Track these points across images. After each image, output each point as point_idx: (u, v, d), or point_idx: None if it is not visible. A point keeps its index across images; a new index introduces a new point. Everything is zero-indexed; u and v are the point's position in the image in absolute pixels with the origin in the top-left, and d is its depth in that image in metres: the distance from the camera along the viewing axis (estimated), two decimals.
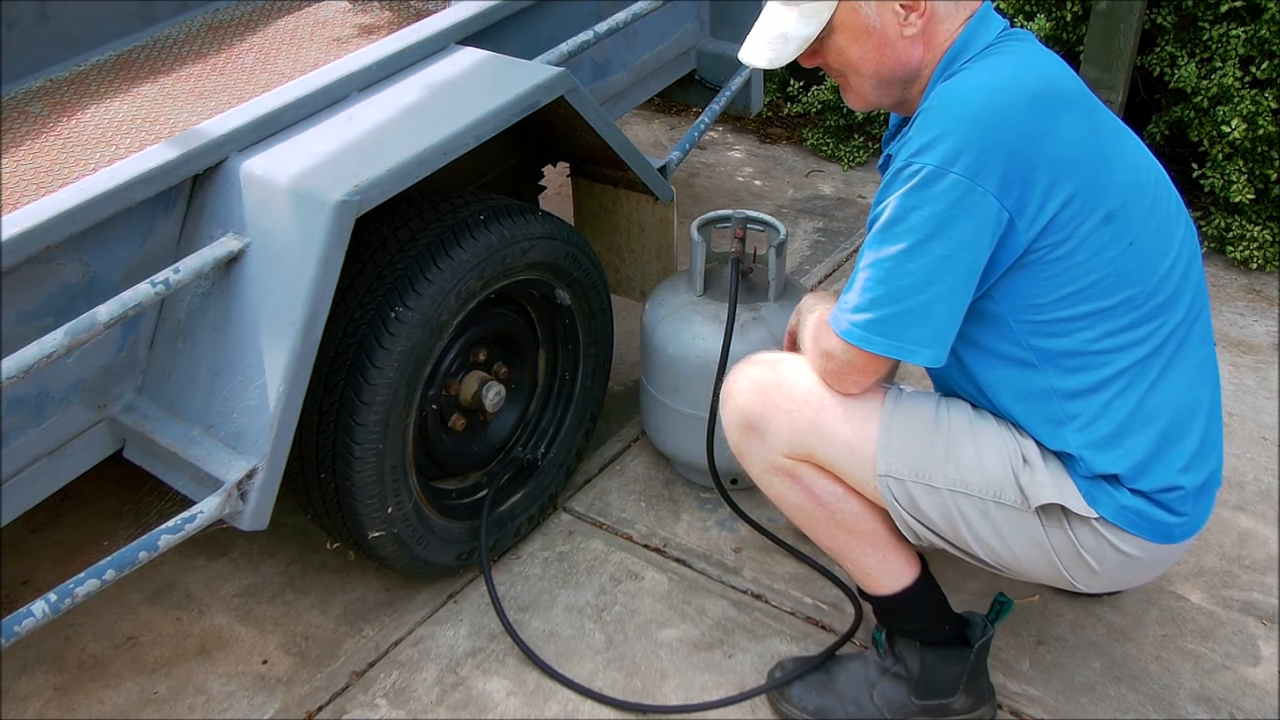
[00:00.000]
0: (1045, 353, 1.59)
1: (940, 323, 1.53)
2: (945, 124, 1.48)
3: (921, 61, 1.60)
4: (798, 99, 3.91)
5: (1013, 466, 1.63)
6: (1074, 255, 1.52)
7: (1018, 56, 1.55)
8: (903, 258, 1.51)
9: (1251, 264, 3.06)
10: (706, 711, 1.95)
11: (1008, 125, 1.47)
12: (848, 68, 1.63)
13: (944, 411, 1.68)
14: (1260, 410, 2.59)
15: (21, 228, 1.53)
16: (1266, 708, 1.93)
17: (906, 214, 1.50)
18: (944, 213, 1.48)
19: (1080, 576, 1.68)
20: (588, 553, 2.29)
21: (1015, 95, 1.49)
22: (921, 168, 1.49)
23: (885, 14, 1.56)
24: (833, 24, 1.57)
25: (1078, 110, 1.53)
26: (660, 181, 2.33)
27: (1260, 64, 2.84)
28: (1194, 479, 1.63)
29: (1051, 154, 1.48)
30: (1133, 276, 1.54)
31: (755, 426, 1.71)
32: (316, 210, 1.66)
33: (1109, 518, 1.60)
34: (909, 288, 1.51)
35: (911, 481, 1.65)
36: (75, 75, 2.27)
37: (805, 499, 1.74)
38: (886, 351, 1.55)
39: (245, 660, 2.10)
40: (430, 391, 2.07)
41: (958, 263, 1.50)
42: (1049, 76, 1.54)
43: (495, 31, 2.19)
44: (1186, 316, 1.61)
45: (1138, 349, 1.57)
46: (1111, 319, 1.56)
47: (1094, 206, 1.51)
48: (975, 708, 1.85)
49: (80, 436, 1.76)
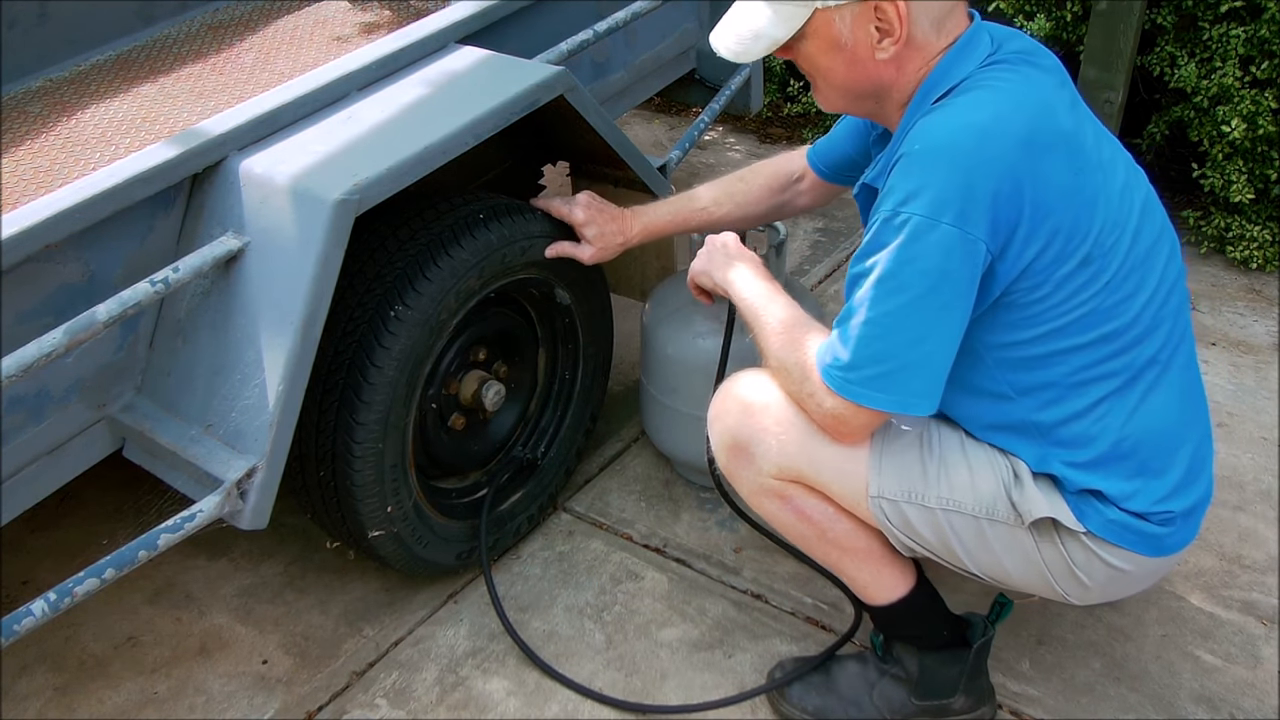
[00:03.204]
0: (1020, 386, 1.58)
1: (936, 373, 1.51)
2: (930, 170, 1.45)
3: (893, 83, 1.57)
4: (798, 99, 3.90)
5: (1005, 483, 1.62)
6: (1050, 297, 1.50)
7: (1002, 93, 1.49)
8: (899, 313, 1.47)
9: (1251, 264, 3.06)
10: (706, 711, 1.95)
11: (994, 170, 1.43)
12: (816, 73, 1.60)
13: (934, 432, 1.67)
14: (1260, 410, 2.59)
15: (21, 227, 1.53)
16: (1266, 708, 1.93)
17: (900, 268, 1.46)
18: (939, 265, 1.44)
19: (1072, 591, 1.67)
20: (588, 553, 2.29)
21: (1000, 137, 1.45)
22: (909, 218, 1.45)
23: (859, 32, 1.52)
24: (805, 30, 1.54)
25: (1061, 151, 1.49)
26: (660, 181, 2.33)
27: (1260, 64, 2.84)
28: (1181, 504, 1.62)
29: (1034, 199, 1.45)
30: (1109, 314, 1.53)
31: (744, 449, 1.70)
32: (316, 209, 1.66)
33: (1097, 532, 1.60)
34: (908, 342, 1.48)
35: (904, 502, 1.64)
36: (75, 75, 2.26)
37: (796, 519, 1.73)
38: (889, 407, 1.52)
39: (245, 660, 2.10)
40: (430, 390, 2.07)
41: (953, 312, 1.48)
42: (1034, 115, 1.48)
43: (495, 30, 2.19)
44: (1166, 344, 1.59)
45: (1113, 380, 1.56)
46: (1087, 353, 1.54)
47: (1072, 250, 1.48)
48: (975, 708, 1.84)
49: (80, 435, 1.76)
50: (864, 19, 1.50)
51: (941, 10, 1.53)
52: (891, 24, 1.50)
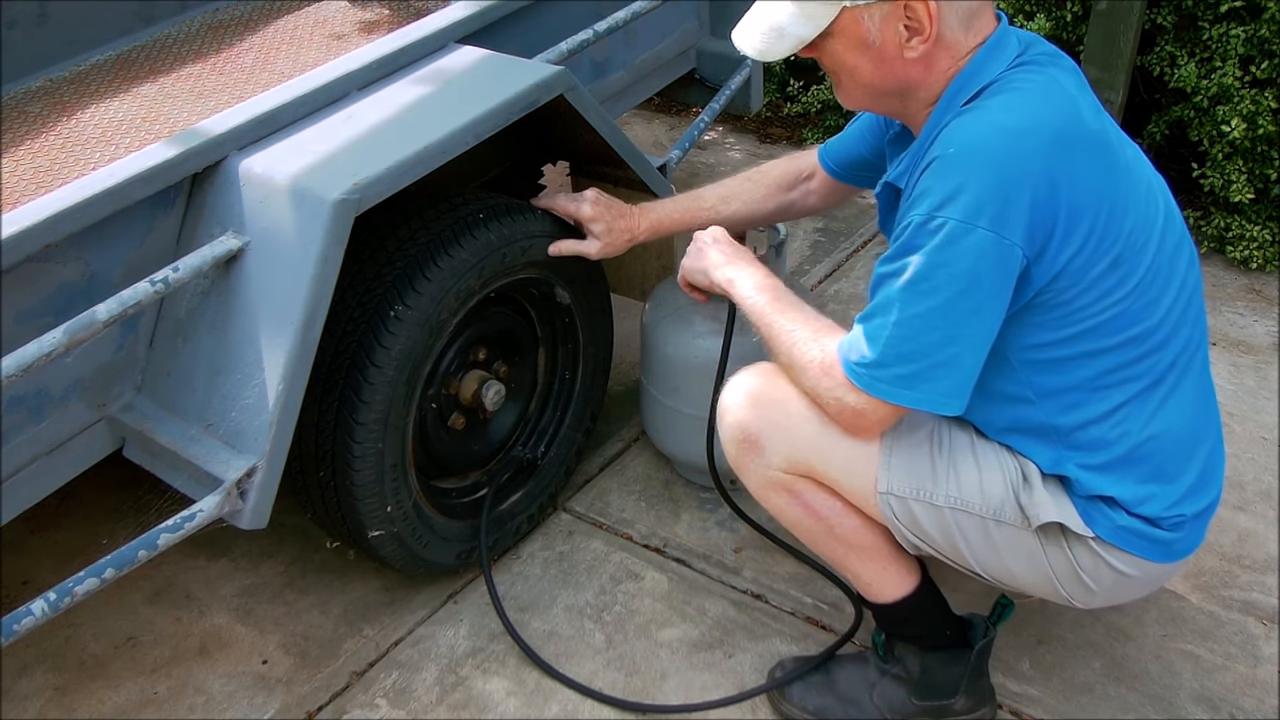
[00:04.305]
0: (1043, 389, 1.57)
1: (967, 373, 1.50)
2: (965, 173, 1.44)
3: (921, 82, 1.55)
4: (798, 99, 3.90)
5: (1013, 486, 1.62)
6: (1080, 299, 1.50)
7: (1034, 94, 1.48)
8: (932, 315, 1.46)
9: (1251, 264, 3.06)
10: (706, 711, 1.95)
11: (1030, 173, 1.42)
12: (842, 71, 1.58)
13: (945, 430, 1.66)
14: (1260, 410, 2.59)
15: (21, 226, 1.53)
16: (1266, 708, 1.93)
17: (934, 271, 1.45)
18: (973, 269, 1.44)
19: (1077, 594, 1.67)
20: (588, 553, 2.29)
21: (1035, 140, 1.44)
22: (945, 222, 1.44)
23: (888, 31, 1.50)
24: (832, 29, 1.52)
25: (1095, 151, 1.49)
26: (660, 180, 2.32)
27: (1260, 63, 2.84)
28: (1193, 507, 1.62)
29: (1069, 200, 1.44)
30: (1136, 316, 1.52)
31: (753, 442, 1.69)
32: (316, 208, 1.66)
33: (1105, 537, 1.60)
34: (938, 343, 1.47)
35: (913, 499, 1.64)
36: (75, 75, 2.26)
37: (804, 514, 1.73)
38: (915, 404, 1.51)
39: (245, 660, 2.10)
40: (430, 390, 2.07)
41: (986, 315, 1.47)
42: (1067, 116, 1.48)
43: (494, 30, 2.19)
44: (1185, 349, 1.59)
45: (1135, 383, 1.56)
46: (1111, 356, 1.54)
47: (1104, 252, 1.48)
48: (975, 708, 1.84)
49: (79, 435, 1.76)
50: (893, 18, 1.49)
51: (970, 9, 1.51)
52: (921, 23, 1.48)
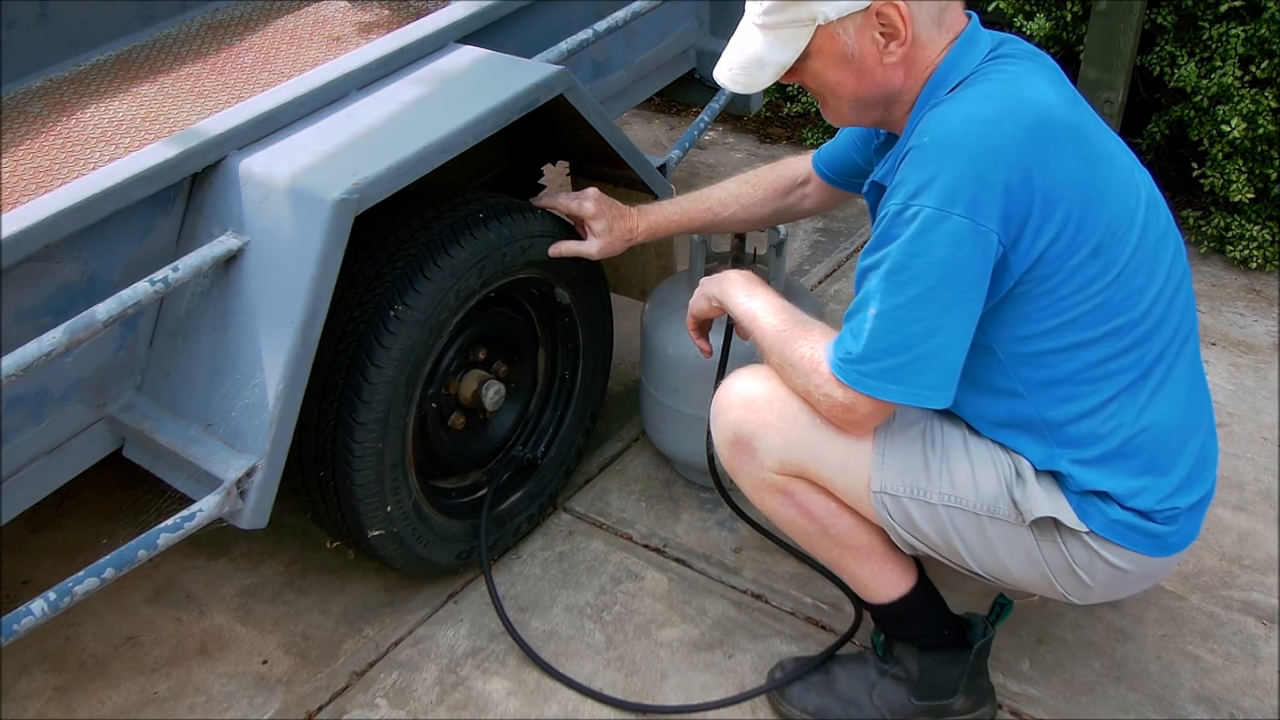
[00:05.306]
0: (1033, 383, 1.57)
1: (951, 364, 1.50)
2: (940, 161, 1.45)
3: (903, 86, 1.57)
4: (797, 98, 3.90)
5: (1007, 481, 1.62)
6: (1061, 288, 1.50)
7: (1008, 83, 1.50)
8: (912, 305, 1.47)
9: (1251, 264, 3.06)
10: (706, 711, 1.95)
11: (1004, 160, 1.43)
12: (825, 89, 1.60)
13: (937, 428, 1.67)
14: (1260, 410, 2.59)
15: (21, 226, 1.53)
16: (1266, 708, 1.93)
17: (911, 260, 1.46)
18: (950, 257, 1.44)
19: (1073, 590, 1.67)
20: (588, 553, 2.29)
21: (1009, 127, 1.45)
22: (919, 210, 1.45)
23: (864, 41, 1.52)
24: (810, 49, 1.54)
25: (1070, 139, 1.49)
26: (660, 180, 2.32)
27: (1260, 63, 2.84)
28: (1187, 499, 1.62)
29: (1044, 187, 1.45)
30: (1120, 306, 1.53)
31: (747, 443, 1.69)
32: (315, 208, 1.66)
33: (1100, 531, 1.60)
34: (920, 334, 1.48)
35: (907, 498, 1.64)
36: (75, 75, 2.26)
37: (798, 515, 1.73)
38: (901, 399, 1.51)
39: (245, 660, 2.10)
40: (430, 390, 2.07)
41: (966, 303, 1.48)
42: (1041, 104, 1.49)
43: (494, 30, 2.19)
44: (1174, 340, 1.60)
45: (1124, 375, 1.56)
46: (1098, 348, 1.54)
47: (1083, 240, 1.48)
48: (975, 708, 1.84)
49: (79, 435, 1.76)
50: (867, 27, 1.51)
51: (941, 6, 1.54)
52: (895, 26, 1.50)
